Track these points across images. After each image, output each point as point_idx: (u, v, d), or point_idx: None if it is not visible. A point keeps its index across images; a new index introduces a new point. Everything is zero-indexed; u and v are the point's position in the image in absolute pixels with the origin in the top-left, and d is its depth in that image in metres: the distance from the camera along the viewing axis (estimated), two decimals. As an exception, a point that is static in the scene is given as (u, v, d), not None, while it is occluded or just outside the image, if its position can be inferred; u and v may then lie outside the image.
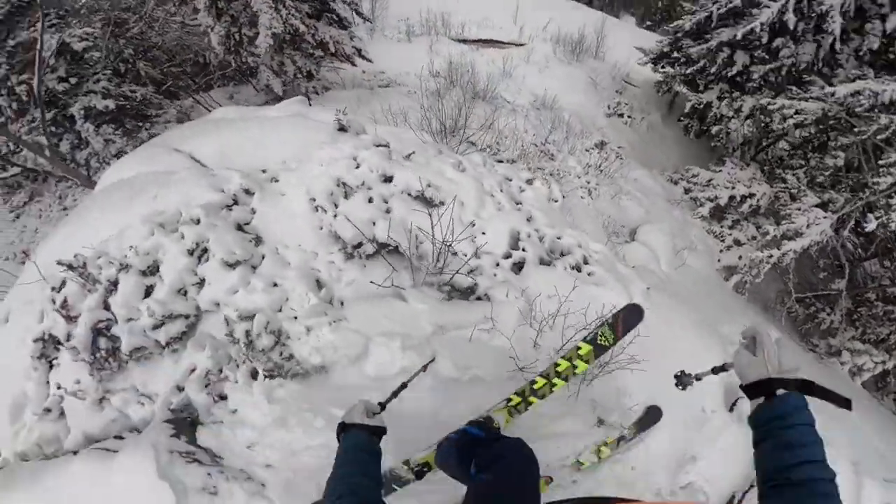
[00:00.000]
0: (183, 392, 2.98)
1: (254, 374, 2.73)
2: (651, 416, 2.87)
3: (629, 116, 9.39)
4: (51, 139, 8.08)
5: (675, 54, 9.51)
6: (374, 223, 3.08)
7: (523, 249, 3.26)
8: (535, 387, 2.49)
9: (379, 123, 5.43)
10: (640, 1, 22.77)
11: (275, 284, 2.90)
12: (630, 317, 2.65)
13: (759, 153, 9.58)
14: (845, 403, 1.05)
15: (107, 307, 3.28)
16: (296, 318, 2.74)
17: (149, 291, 3.18)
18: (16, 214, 9.34)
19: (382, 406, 1.77)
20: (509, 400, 2.46)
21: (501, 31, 11.54)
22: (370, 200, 3.27)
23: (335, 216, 3.17)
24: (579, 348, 2.54)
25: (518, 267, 3.16)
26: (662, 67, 9.75)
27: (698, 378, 1.46)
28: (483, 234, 3.25)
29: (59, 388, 3.27)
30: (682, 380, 1.49)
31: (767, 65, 8.50)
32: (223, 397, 2.83)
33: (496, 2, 12.52)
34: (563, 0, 14.79)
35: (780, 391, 1.06)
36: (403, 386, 1.95)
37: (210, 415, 2.81)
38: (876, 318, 8.43)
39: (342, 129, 4.79)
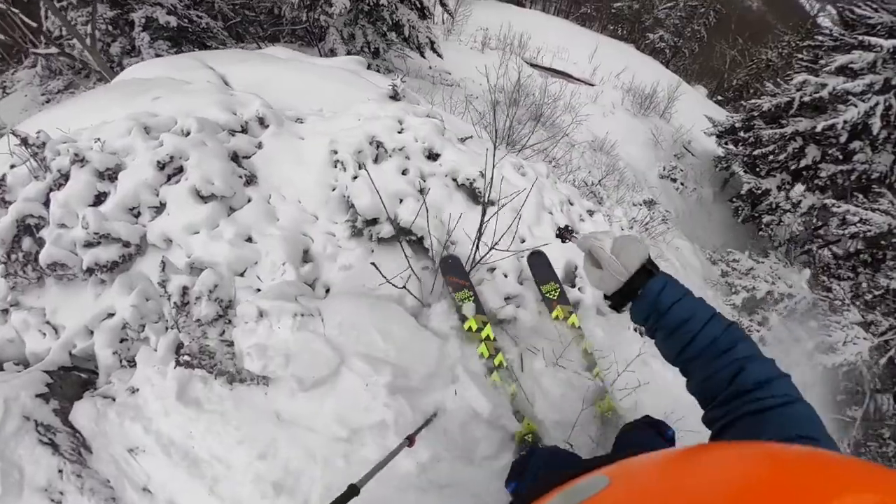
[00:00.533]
0: (92, 338, 2.11)
1: (178, 349, 1.84)
2: (537, 258, 2.32)
3: (682, 184, 8.48)
4: (101, 34, 7.35)
5: (744, 133, 8.63)
6: (400, 200, 2.20)
7: (580, 290, 2.35)
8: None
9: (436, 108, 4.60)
10: (714, 74, 21.93)
11: (249, 239, 2.02)
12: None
13: (803, 254, 8.63)
14: None
15: (48, 204, 2.44)
16: (258, 290, 1.85)
17: (100, 200, 2.32)
18: (47, 98, 8.61)
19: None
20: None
21: (575, 66, 10.74)
22: (404, 172, 2.39)
23: (355, 178, 2.30)
24: None
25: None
26: (726, 143, 8.87)
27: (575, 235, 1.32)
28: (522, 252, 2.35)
29: (-34, 279, 2.46)
30: (563, 234, 1.41)
31: (839, 165, 7.60)
32: (132, 363, 1.94)
33: (577, 37, 11.77)
34: (642, 54, 14.01)
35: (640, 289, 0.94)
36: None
37: (107, 381, 1.93)
38: (884, 458, 7.40)
39: (395, 96, 3.97)
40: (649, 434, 1.59)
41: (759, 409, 0.75)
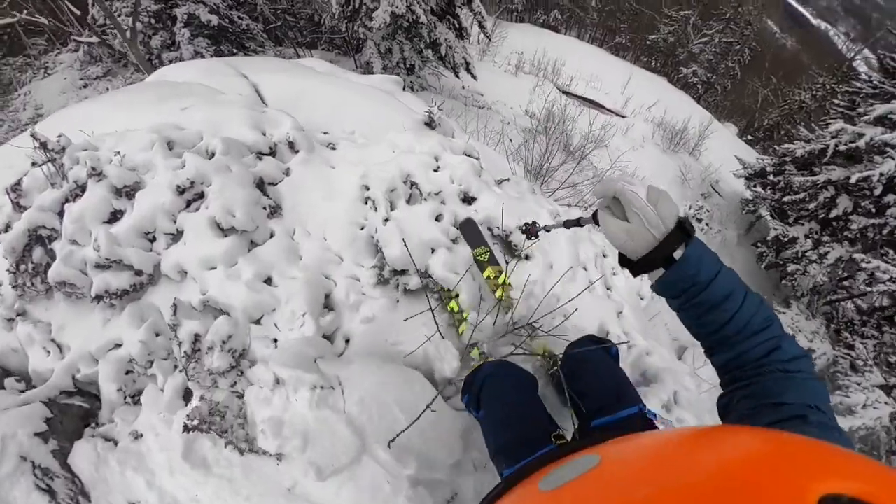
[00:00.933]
0: (97, 366, 1.97)
1: (186, 395, 1.69)
2: (467, 225, 2.28)
3: (707, 224, 8.22)
4: (143, 26, 7.37)
5: (773, 177, 8.35)
6: (432, 250, 2.04)
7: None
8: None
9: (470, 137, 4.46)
10: (745, 112, 21.51)
11: (269, 280, 1.87)
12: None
13: (825, 305, 8.29)
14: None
15: (63, 214, 2.33)
16: (275, 341, 1.70)
17: (115, 218, 2.20)
18: (84, 83, 8.67)
19: None
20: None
21: (607, 96, 10.56)
22: (438, 218, 2.24)
23: (386, 220, 2.14)
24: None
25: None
26: (755, 186, 8.59)
27: (547, 229, 1.22)
28: (564, 318, 2.17)
29: (-25, 281, 2.36)
30: (529, 229, 1.29)
31: (871, 218, 7.30)
32: (136, 400, 1.80)
33: (611, 66, 11.60)
34: (675, 88, 13.77)
35: (677, 252, 0.75)
36: None
37: (110, 420, 1.78)
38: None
39: (430, 124, 3.83)
40: (598, 351, 1.59)
41: (786, 372, 0.75)
